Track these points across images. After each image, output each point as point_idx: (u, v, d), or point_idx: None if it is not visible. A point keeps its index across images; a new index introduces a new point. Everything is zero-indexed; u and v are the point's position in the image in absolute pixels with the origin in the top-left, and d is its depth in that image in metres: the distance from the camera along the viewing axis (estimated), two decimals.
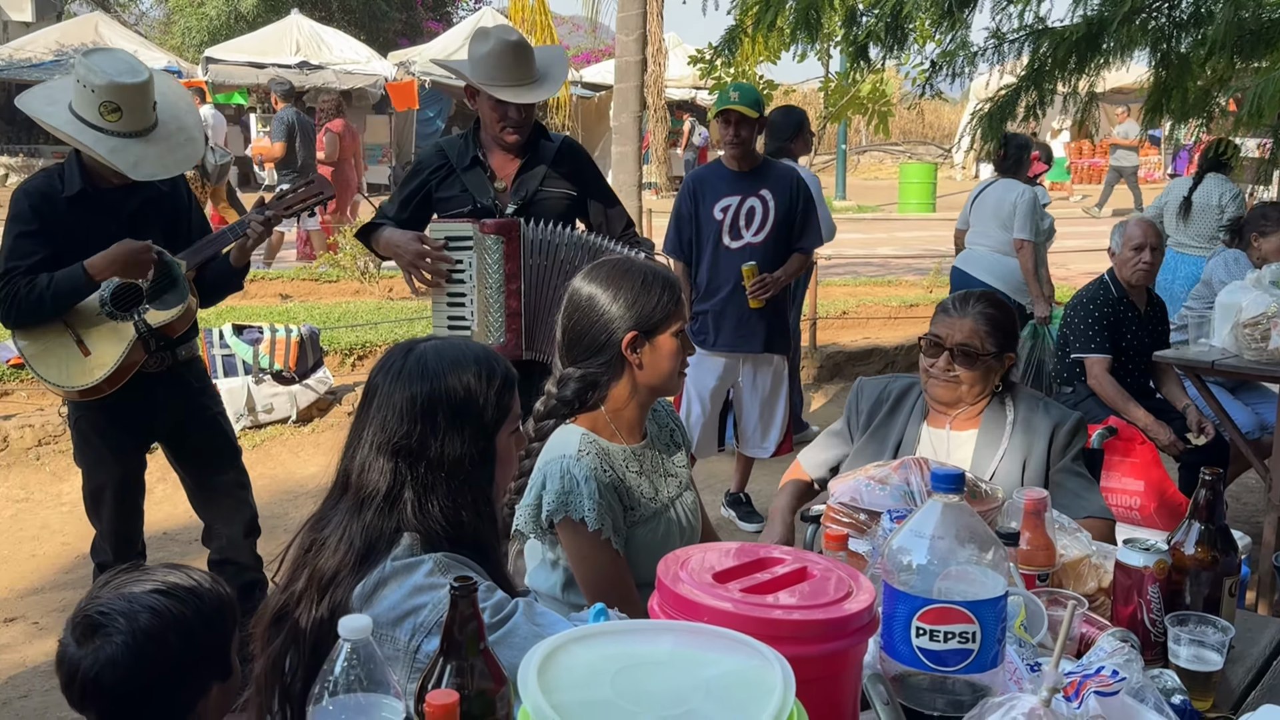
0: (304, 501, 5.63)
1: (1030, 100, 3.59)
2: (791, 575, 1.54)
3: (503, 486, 2.02)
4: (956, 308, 2.76)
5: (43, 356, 3.31)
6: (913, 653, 1.50)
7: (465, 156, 3.76)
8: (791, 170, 5.18)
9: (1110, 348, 4.55)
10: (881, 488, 2.20)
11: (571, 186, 3.81)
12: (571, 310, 2.37)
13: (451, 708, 1.32)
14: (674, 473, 2.49)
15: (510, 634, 1.70)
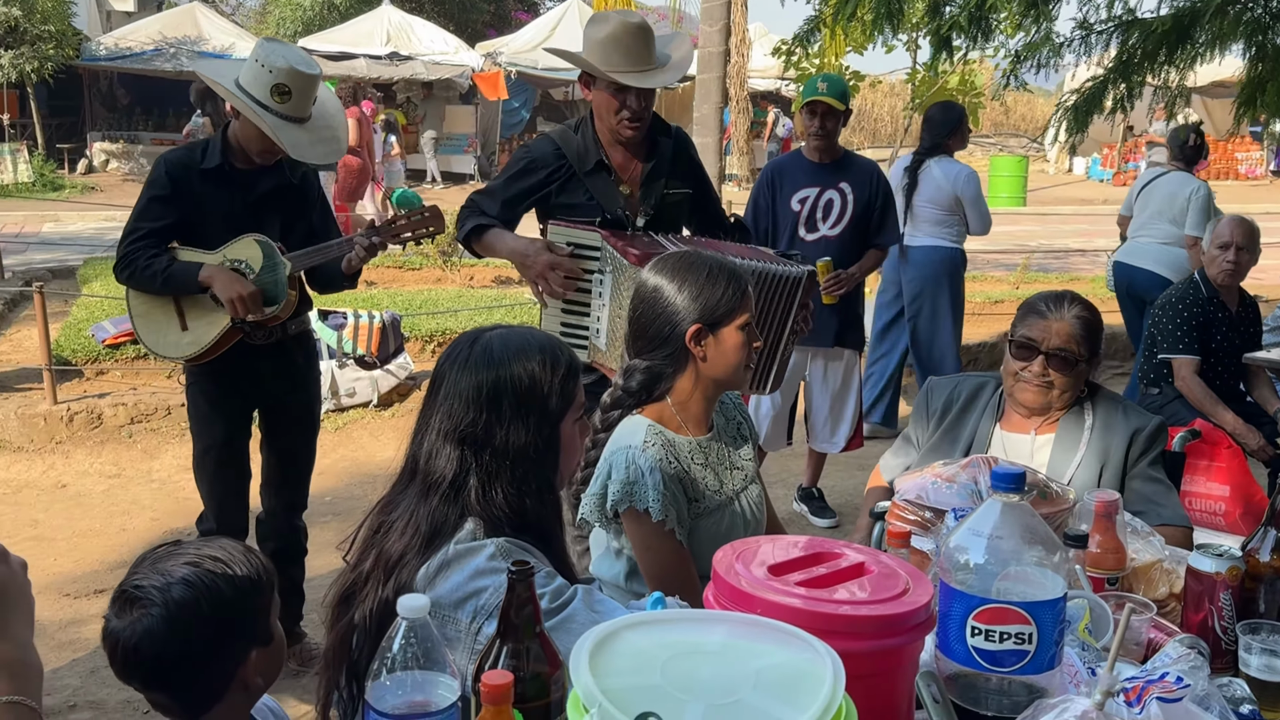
0: (381, 484, 5.69)
1: (1118, 93, 3.52)
2: (849, 570, 1.54)
3: (567, 474, 2.05)
4: (1051, 309, 2.66)
5: (146, 317, 3.53)
6: (967, 652, 1.50)
7: (588, 158, 3.50)
8: (873, 165, 5.14)
9: (1199, 349, 4.46)
10: (948, 486, 2.18)
11: (689, 184, 3.65)
12: (638, 302, 2.39)
13: (506, 688, 1.34)
14: (740, 465, 2.50)
15: (569, 620, 1.73)
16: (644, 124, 3.44)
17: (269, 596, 1.75)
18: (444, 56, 20.70)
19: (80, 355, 6.93)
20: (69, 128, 21.76)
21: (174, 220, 3.43)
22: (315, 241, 3.58)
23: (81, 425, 6.20)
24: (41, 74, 18.83)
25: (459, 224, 3.59)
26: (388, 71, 20.18)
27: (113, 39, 20.90)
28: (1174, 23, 3.23)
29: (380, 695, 1.35)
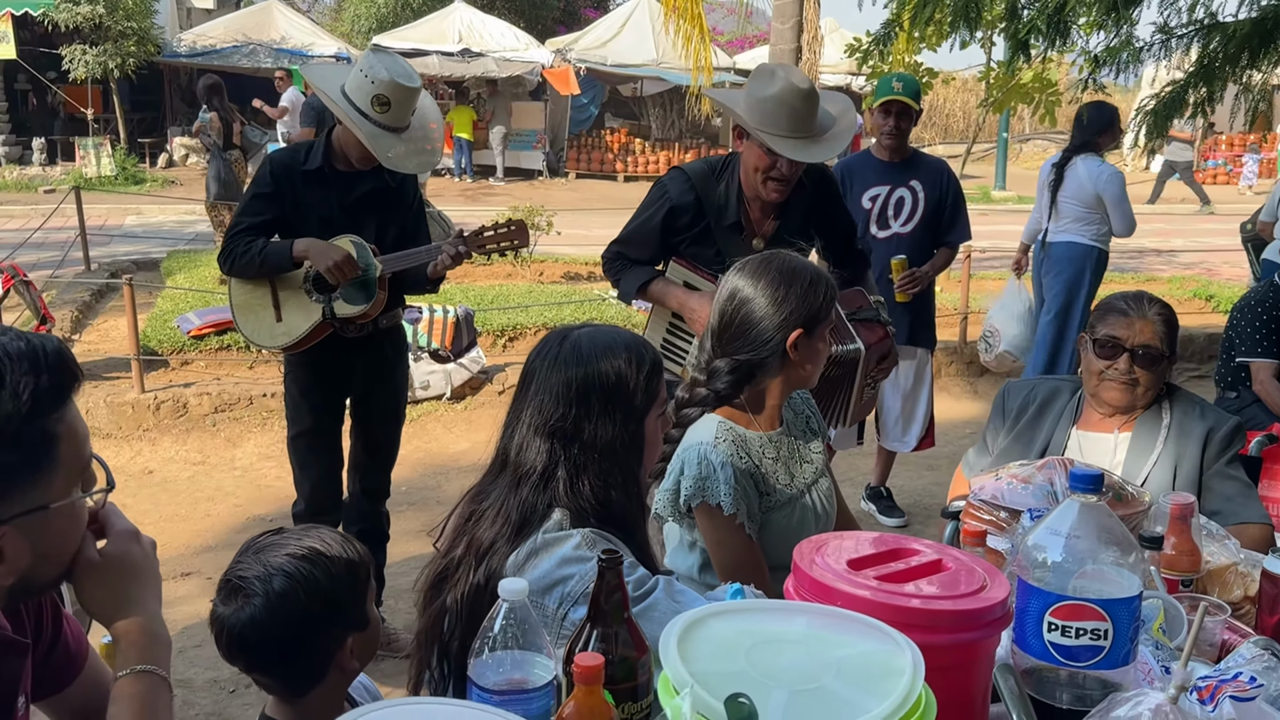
0: (455, 476, 5.85)
1: (1199, 96, 3.48)
2: (926, 566, 1.57)
3: (649, 468, 2.10)
4: (1133, 308, 2.68)
5: (245, 309, 3.69)
6: (1044, 647, 1.52)
7: (726, 215, 3.44)
8: (943, 164, 5.14)
9: (1279, 352, 4.39)
10: (1024, 487, 2.20)
11: (823, 233, 3.60)
12: (736, 305, 2.38)
13: (598, 669, 1.40)
14: (810, 460, 2.52)
15: (651, 608, 1.77)
16: (789, 189, 3.36)
17: (366, 583, 1.82)
18: (514, 53, 20.80)
19: (166, 346, 7.15)
20: (150, 123, 22.15)
21: (274, 216, 3.57)
22: (406, 244, 3.67)
23: (168, 414, 6.39)
24: (124, 70, 19.19)
25: (611, 277, 3.61)
26: (460, 69, 20.33)
27: (193, 36, 21.26)
28: (1254, 26, 3.19)
29: (482, 672, 1.41)
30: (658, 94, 23.82)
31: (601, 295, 8.93)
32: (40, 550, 1.32)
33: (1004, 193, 20.94)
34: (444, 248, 3.58)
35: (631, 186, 21.42)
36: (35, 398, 1.26)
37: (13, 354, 1.26)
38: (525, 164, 22.05)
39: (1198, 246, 13.63)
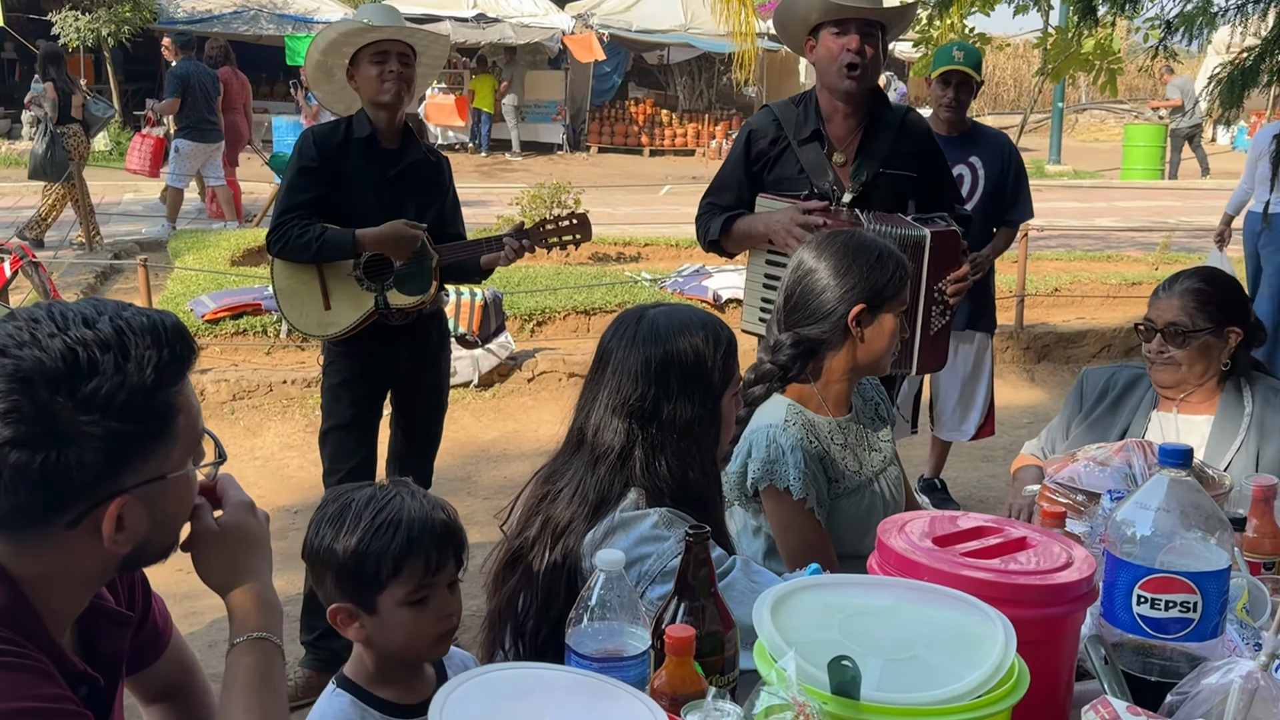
0: (486, 465, 5.96)
1: (1275, 65, 3.54)
2: (1012, 544, 1.65)
3: (724, 447, 2.19)
4: (1165, 289, 2.79)
5: (290, 294, 3.75)
6: (1133, 619, 1.59)
7: (804, 127, 3.53)
8: (1004, 137, 5.18)
9: None
10: (1101, 469, 2.28)
11: (912, 169, 3.58)
12: (800, 276, 2.46)
13: (689, 641, 1.50)
14: (878, 447, 2.59)
15: (729, 587, 1.85)
16: (867, 72, 3.40)
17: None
18: (533, 19, 20.78)
19: None
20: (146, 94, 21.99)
21: (319, 193, 3.63)
22: (445, 225, 3.78)
23: None
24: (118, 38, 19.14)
25: (701, 233, 3.67)
26: (474, 35, 20.33)
27: (190, 2, 21.25)
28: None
29: (580, 640, 1.52)
30: (685, 62, 23.79)
31: (633, 277, 9.00)
32: (157, 520, 1.40)
33: (1059, 167, 20.88)
34: (506, 242, 3.70)
35: (657, 161, 21.42)
36: (157, 371, 1.34)
37: (136, 328, 1.35)
38: (544, 137, 22.05)
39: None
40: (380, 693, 1.81)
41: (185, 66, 11.24)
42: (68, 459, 1.31)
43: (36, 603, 1.38)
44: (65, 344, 1.31)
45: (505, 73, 21.78)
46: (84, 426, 1.31)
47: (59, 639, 1.42)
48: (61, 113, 10.21)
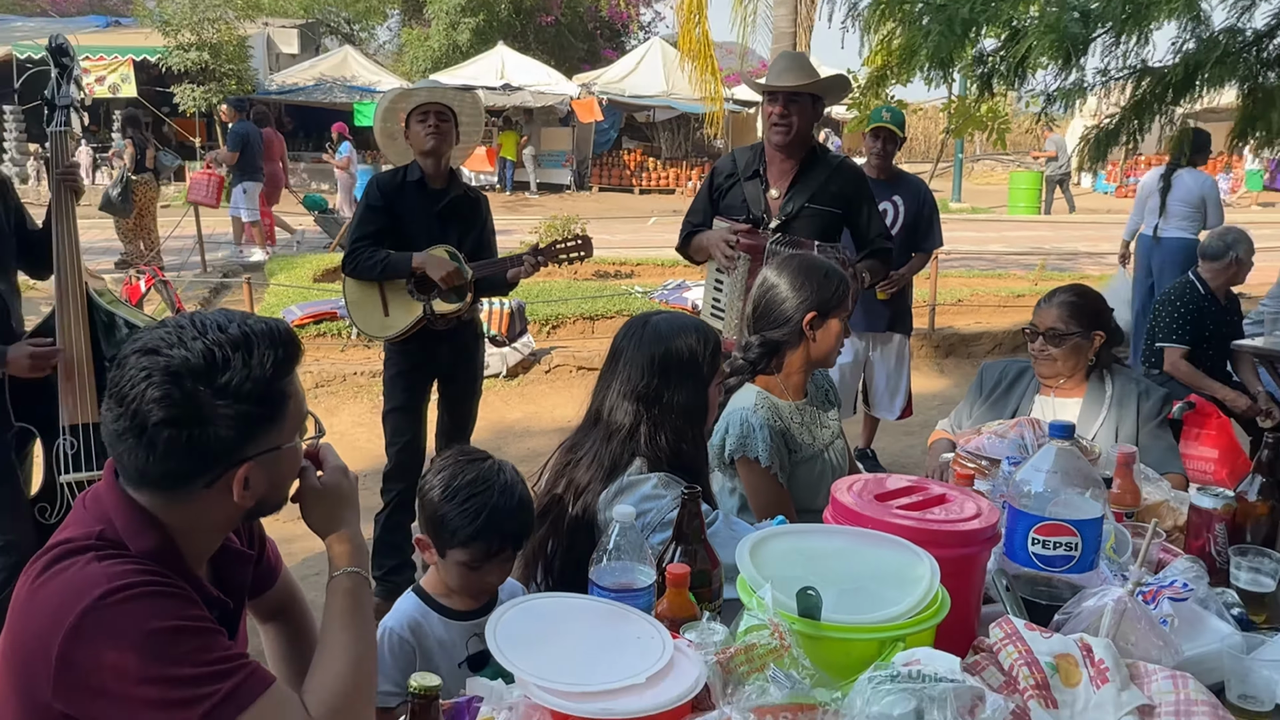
0: (511, 439, 5.94)
1: (1132, 129, 3.56)
2: (933, 499, 1.67)
3: (709, 427, 2.21)
4: (1046, 301, 2.80)
5: (358, 304, 3.75)
6: (1029, 557, 1.63)
7: (750, 167, 3.55)
8: (920, 180, 5.19)
9: (1189, 340, 4.45)
10: (1001, 441, 2.30)
11: (837, 206, 3.51)
12: (765, 290, 2.46)
13: (685, 576, 1.53)
14: (828, 425, 2.58)
15: (714, 535, 1.85)
16: (790, 129, 3.41)
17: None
18: (546, 87, 20.74)
19: None
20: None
21: (382, 225, 3.64)
22: (483, 251, 3.75)
23: None
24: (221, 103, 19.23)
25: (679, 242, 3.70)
26: (502, 100, 20.30)
27: (281, 77, 21.15)
28: (1184, 68, 3.27)
29: (600, 575, 1.54)
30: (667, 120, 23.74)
31: (628, 290, 8.99)
32: (273, 481, 1.42)
33: (960, 204, 20.85)
34: (525, 259, 3.69)
35: (646, 198, 21.37)
36: (274, 366, 1.36)
37: (258, 333, 1.36)
38: (556, 180, 22.02)
39: None
40: (442, 600, 1.88)
41: (244, 126, 11.08)
42: (207, 435, 1.33)
43: (181, 544, 1.39)
44: (205, 345, 1.33)
45: (525, 129, 21.77)
46: (219, 410, 1.32)
47: (198, 572, 1.44)
48: (137, 164, 10.12)
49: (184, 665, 1.27)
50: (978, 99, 3.55)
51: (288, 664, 1.72)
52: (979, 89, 3.73)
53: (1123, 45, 3.22)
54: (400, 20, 27.53)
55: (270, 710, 1.30)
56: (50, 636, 1.27)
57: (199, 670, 1.28)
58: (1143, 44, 3.18)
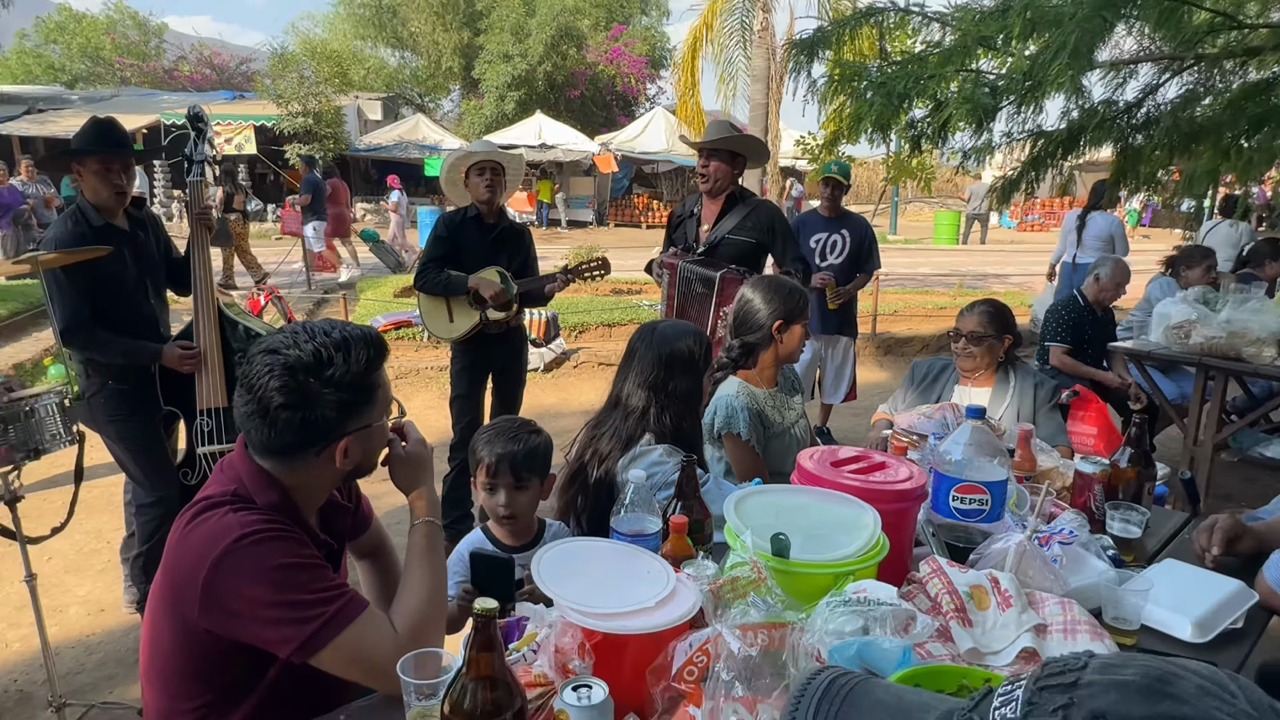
0: (547, 420, 5.84)
1: (1030, 179, 3.56)
2: (875, 466, 1.66)
3: (701, 411, 2.21)
4: (968, 310, 2.79)
5: (429, 313, 3.74)
6: (950, 510, 1.62)
7: (688, 208, 3.67)
8: (863, 218, 5.17)
9: (1070, 340, 4.42)
10: (928, 420, 2.29)
11: (756, 237, 3.54)
12: (743, 304, 2.45)
13: (685, 524, 1.52)
14: (793, 408, 2.56)
15: (706, 493, 1.85)
16: (710, 179, 3.49)
17: None
18: (574, 145, 20.71)
19: None
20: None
21: (445, 251, 3.64)
22: (527, 271, 3.73)
23: None
24: (324, 160, 19.22)
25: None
26: (539, 156, 20.28)
27: (368, 138, 21.14)
28: (1070, 132, 3.27)
29: (619, 524, 1.53)
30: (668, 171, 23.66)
31: (638, 304, 8.98)
32: (366, 451, 1.42)
33: (896, 236, 20.75)
34: (558, 277, 3.68)
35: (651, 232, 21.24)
36: (367, 362, 1.37)
37: (355, 337, 1.37)
38: (580, 218, 21.96)
39: (1021, 273, 13.59)
40: (497, 534, 1.88)
41: (312, 177, 11.05)
42: (315, 416, 1.34)
43: (296, 499, 1.41)
44: (314, 346, 1.34)
45: (557, 178, 21.72)
46: (325, 396, 1.33)
47: (309, 520, 1.45)
48: (227, 206, 10.24)
49: (301, 592, 1.28)
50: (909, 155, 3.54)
51: (378, 592, 1.72)
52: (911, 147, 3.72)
53: (1022, 114, 3.22)
54: (460, 93, 27.48)
55: (365, 627, 1.31)
56: (198, 570, 1.28)
57: (312, 596, 1.29)
58: (1038, 113, 3.19)
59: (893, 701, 0.67)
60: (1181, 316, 4.01)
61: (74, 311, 2.68)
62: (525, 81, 23.61)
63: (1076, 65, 2.74)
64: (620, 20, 26.15)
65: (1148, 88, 3.45)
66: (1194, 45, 2.82)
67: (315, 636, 1.26)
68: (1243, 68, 3.12)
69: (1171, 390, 4.52)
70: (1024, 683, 0.60)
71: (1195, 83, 3.38)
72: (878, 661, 1.12)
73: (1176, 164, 3.60)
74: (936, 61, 3.15)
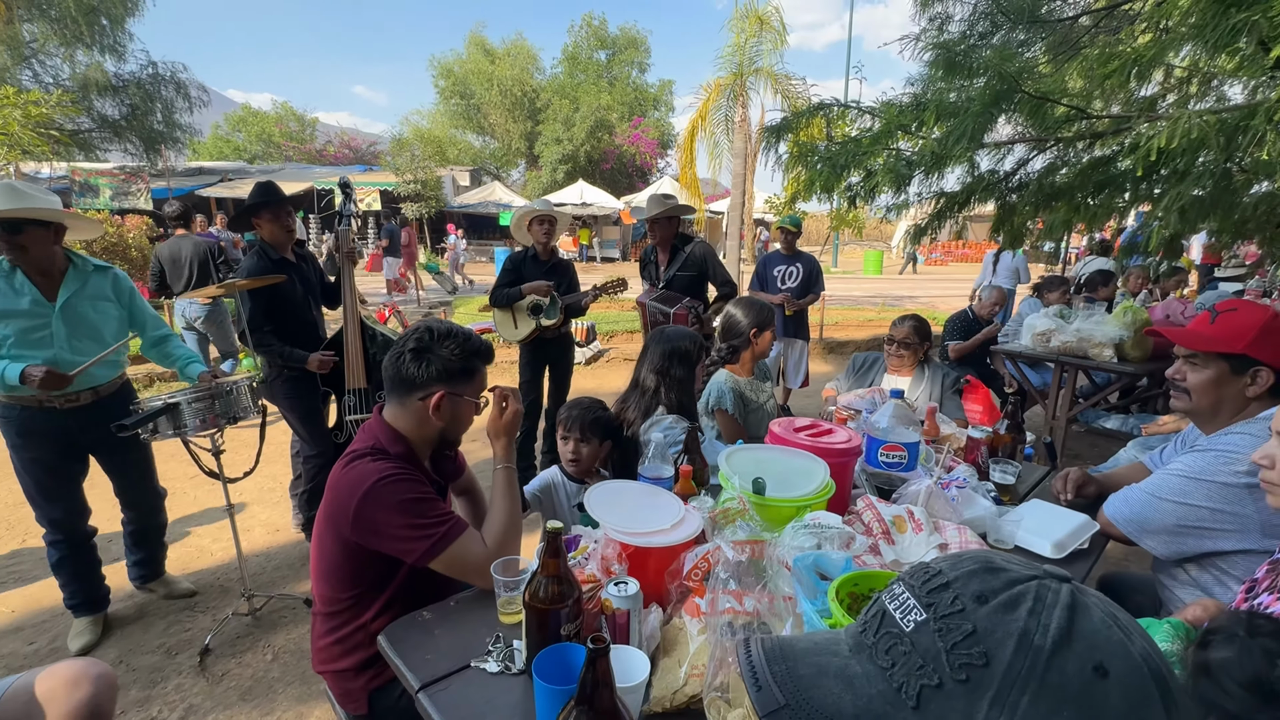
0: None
1: (934, 226, 3.52)
2: (824, 431, 1.65)
3: (697, 393, 2.20)
4: (899, 322, 2.73)
5: (501, 323, 3.67)
6: (879, 463, 1.62)
7: (651, 255, 3.64)
8: (812, 256, 5.08)
9: (962, 339, 4.41)
10: (863, 400, 2.27)
11: (696, 271, 3.52)
12: (727, 317, 2.40)
13: (690, 471, 1.51)
14: (766, 391, 2.51)
15: (705, 449, 1.84)
16: (658, 236, 3.48)
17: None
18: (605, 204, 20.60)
19: None
20: (436, 238, 22.10)
21: (512, 279, 3.58)
22: (570, 291, 3.69)
23: None
24: (428, 214, 19.25)
25: None
26: (581, 211, 20.26)
27: (459, 199, 21.02)
28: (965, 192, 3.24)
29: (644, 470, 1.53)
30: None
31: None
32: (454, 414, 1.40)
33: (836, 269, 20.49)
34: (590, 292, 3.63)
35: None
36: (473, 353, 1.39)
37: (472, 337, 1.40)
38: (610, 255, 21.90)
39: (927, 294, 13.43)
40: (570, 471, 1.88)
41: (391, 226, 10.87)
42: (425, 369, 1.36)
43: (415, 450, 1.41)
44: (444, 330, 1.38)
45: (593, 227, 21.62)
46: (435, 358, 1.36)
47: (425, 464, 1.45)
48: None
49: (422, 517, 1.30)
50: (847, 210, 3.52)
51: (471, 518, 1.72)
52: (848, 204, 3.67)
53: (929, 180, 3.18)
54: (525, 166, 27.49)
55: (466, 542, 1.32)
56: (350, 500, 1.30)
57: (429, 520, 1.31)
58: (941, 179, 3.15)
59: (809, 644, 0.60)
60: (1044, 326, 3.97)
61: (252, 321, 2.72)
62: (571, 158, 23.58)
63: (971, 146, 2.71)
64: (639, 114, 26.04)
65: (1021, 161, 3.40)
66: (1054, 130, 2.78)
67: (432, 549, 1.28)
68: (1089, 147, 3.07)
69: (1036, 380, 4.47)
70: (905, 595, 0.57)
71: (1055, 157, 3.33)
72: (828, 567, 1.12)
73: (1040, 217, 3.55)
74: (868, 142, 3.12)
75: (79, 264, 2.14)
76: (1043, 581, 0.55)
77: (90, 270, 2.17)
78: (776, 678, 0.56)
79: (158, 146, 13.35)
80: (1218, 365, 1.40)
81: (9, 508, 3.44)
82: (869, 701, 0.53)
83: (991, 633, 0.52)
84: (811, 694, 0.55)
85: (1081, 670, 0.50)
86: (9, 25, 12.96)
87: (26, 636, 2.33)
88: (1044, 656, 0.51)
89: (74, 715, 1.15)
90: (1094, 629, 0.52)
